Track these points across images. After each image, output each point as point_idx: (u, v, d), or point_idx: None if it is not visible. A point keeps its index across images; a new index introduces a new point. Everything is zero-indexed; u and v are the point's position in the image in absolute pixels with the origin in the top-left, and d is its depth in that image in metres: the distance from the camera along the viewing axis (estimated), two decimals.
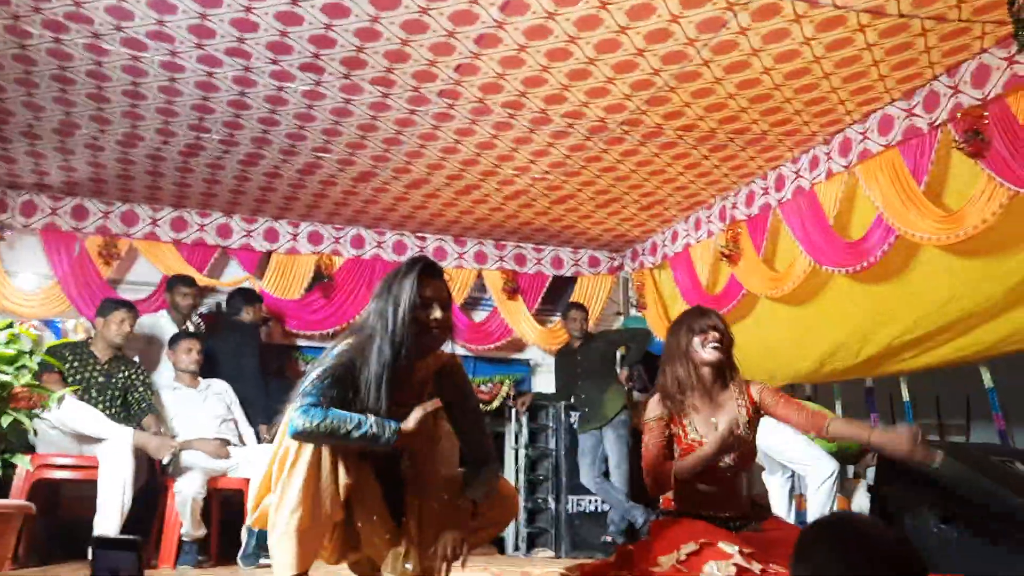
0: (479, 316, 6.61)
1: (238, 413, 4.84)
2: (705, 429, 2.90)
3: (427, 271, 2.45)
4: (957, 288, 4.08)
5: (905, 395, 5.54)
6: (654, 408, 2.98)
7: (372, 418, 2.27)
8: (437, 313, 2.41)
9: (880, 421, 6.08)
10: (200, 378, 4.80)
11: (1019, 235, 3.69)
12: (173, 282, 5.26)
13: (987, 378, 4.88)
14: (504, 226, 6.22)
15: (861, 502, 4.95)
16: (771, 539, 2.77)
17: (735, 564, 2.53)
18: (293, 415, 2.24)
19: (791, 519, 4.69)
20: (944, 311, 4.20)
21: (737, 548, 2.59)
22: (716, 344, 2.93)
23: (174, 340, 4.80)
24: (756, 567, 2.54)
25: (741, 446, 2.88)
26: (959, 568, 3.14)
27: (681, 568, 2.61)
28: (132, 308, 4.67)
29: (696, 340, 2.94)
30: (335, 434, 2.23)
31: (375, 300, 2.44)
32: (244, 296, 5.49)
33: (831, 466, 4.25)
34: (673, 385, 2.96)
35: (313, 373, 2.34)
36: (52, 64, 3.83)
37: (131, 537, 1.26)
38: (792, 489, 4.67)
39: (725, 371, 2.98)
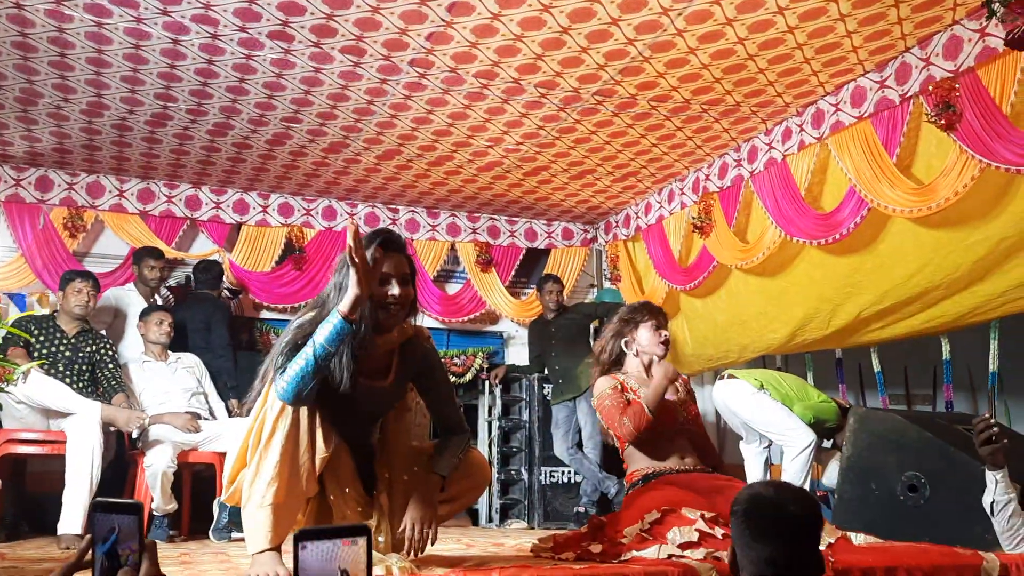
0: (452, 288, 6.59)
1: (208, 387, 4.80)
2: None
3: (383, 246, 2.34)
4: (925, 260, 4.12)
5: (876, 366, 5.62)
6: (605, 383, 3.27)
7: (317, 334, 2.20)
8: (394, 290, 2.33)
9: (848, 391, 6.16)
10: (170, 351, 4.75)
11: (985, 208, 3.73)
12: (140, 255, 5.19)
13: (945, 350, 4.96)
14: (477, 198, 6.18)
15: (834, 471, 5.02)
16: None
17: (697, 529, 2.57)
18: (278, 393, 2.24)
19: None
20: (912, 283, 4.24)
21: (700, 513, 2.64)
22: (665, 341, 3.35)
23: (145, 313, 4.74)
24: (719, 532, 2.58)
25: (686, 408, 3.31)
26: (924, 535, 3.20)
27: (646, 536, 2.66)
28: (91, 278, 4.57)
29: (652, 334, 3.35)
30: (311, 372, 2.19)
31: (335, 274, 2.35)
32: (219, 271, 5.49)
33: (809, 438, 4.29)
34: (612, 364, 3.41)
35: (277, 349, 2.31)
36: (13, 31, 3.72)
37: (132, 501, 1.22)
38: (768, 459, 4.72)
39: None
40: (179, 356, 4.77)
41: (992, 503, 2.70)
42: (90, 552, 1.20)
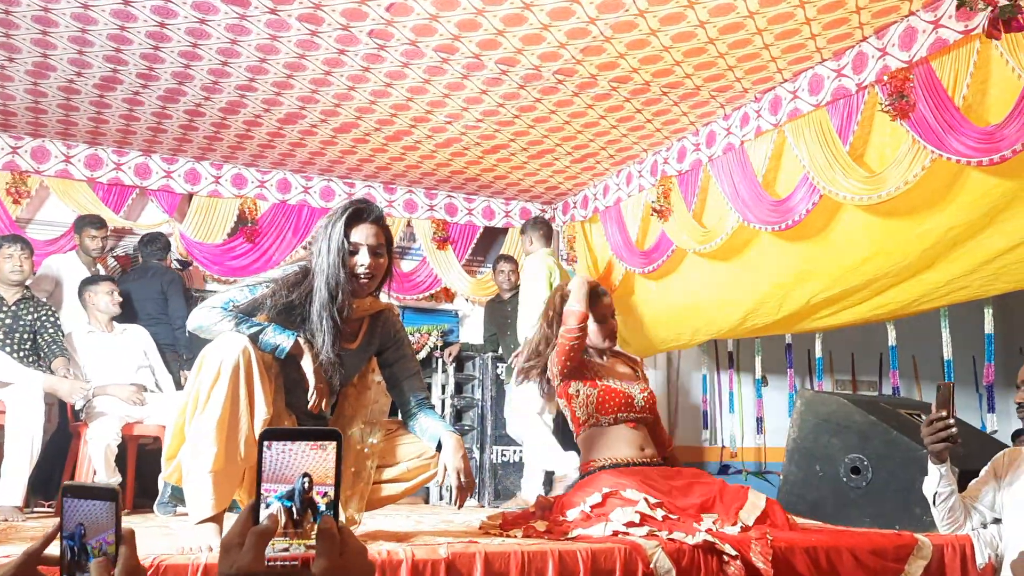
0: (408, 266, 6.55)
1: (155, 360, 4.71)
2: (610, 380, 3.14)
3: (356, 216, 2.43)
4: (875, 248, 4.19)
5: (819, 352, 5.73)
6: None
7: (272, 332, 2.35)
8: (364, 259, 2.41)
9: (796, 376, 6.27)
10: (115, 323, 4.64)
11: (934, 198, 3.79)
12: (81, 223, 5.04)
13: (892, 336, 5.07)
14: (435, 175, 6.13)
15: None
16: (690, 484, 2.87)
17: (638, 511, 2.60)
18: (191, 318, 2.39)
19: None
20: (862, 270, 4.31)
21: (643, 496, 2.66)
22: (611, 335, 3.24)
23: (91, 282, 4.60)
24: (659, 514, 2.61)
25: (644, 392, 3.18)
26: (866, 516, 3.27)
27: (589, 513, 2.69)
28: (20, 241, 4.41)
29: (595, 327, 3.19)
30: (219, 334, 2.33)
31: (315, 242, 2.47)
32: (166, 241, 5.39)
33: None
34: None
35: (242, 285, 2.43)
36: None
37: (108, 486, 1.11)
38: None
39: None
40: (125, 327, 4.67)
41: (935, 494, 2.77)
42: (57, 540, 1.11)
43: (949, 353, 4.77)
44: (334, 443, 0.98)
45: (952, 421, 2.62)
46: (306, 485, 0.97)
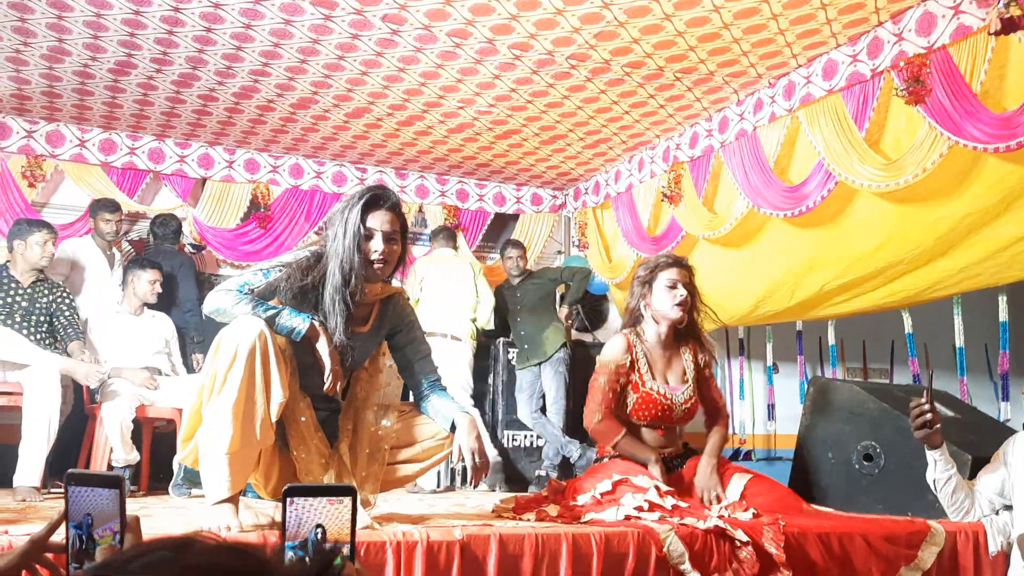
0: (420, 251, 6.55)
1: (174, 347, 4.77)
2: (658, 382, 3.04)
3: (372, 203, 2.44)
4: (888, 235, 4.17)
5: (831, 339, 5.71)
6: (619, 352, 3.04)
7: (288, 314, 2.35)
8: (378, 245, 2.42)
9: (807, 363, 6.26)
10: (146, 307, 4.70)
11: (950, 186, 3.77)
12: (96, 207, 5.07)
13: (908, 324, 5.04)
14: (447, 160, 6.13)
15: None
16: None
17: (647, 500, 2.62)
18: (207, 301, 2.37)
19: None
20: (875, 257, 4.29)
21: (653, 484, 2.68)
22: (681, 302, 3.01)
23: (139, 266, 4.65)
24: (668, 502, 2.63)
25: (688, 403, 3.06)
26: (878, 503, 3.28)
27: (600, 498, 2.71)
28: (51, 228, 4.46)
29: (666, 293, 3.02)
30: (239, 308, 2.33)
31: (330, 226, 2.47)
32: (178, 224, 5.41)
33: None
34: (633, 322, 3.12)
35: (256, 268, 2.43)
36: None
37: (112, 473, 1.12)
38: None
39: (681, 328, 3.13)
40: (154, 314, 4.73)
41: (934, 480, 2.78)
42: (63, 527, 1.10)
43: (961, 341, 4.76)
44: (349, 498, 1.04)
45: (927, 407, 2.64)
46: (319, 536, 1.02)
